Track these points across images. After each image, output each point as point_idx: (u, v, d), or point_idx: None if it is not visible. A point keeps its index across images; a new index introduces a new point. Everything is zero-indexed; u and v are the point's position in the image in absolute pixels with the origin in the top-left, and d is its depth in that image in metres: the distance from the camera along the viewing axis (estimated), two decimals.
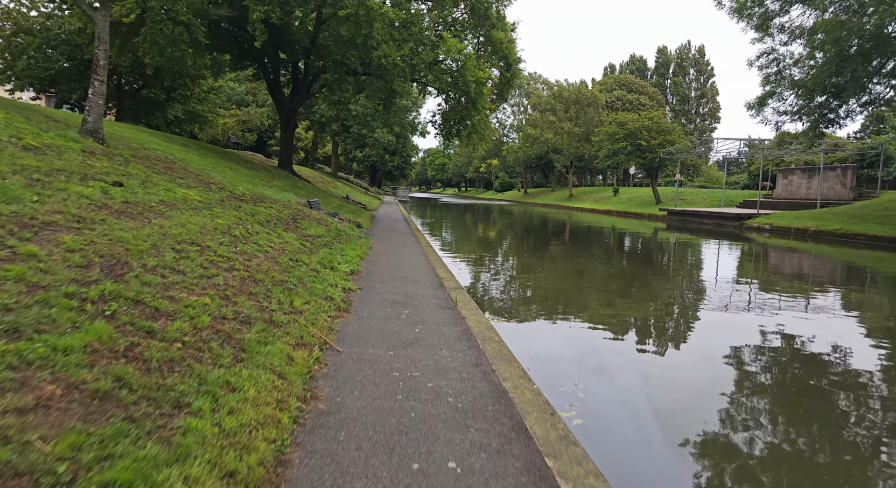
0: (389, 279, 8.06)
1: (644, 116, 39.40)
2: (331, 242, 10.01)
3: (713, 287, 11.35)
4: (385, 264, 9.60)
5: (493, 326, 5.83)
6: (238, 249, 5.92)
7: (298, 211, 11.63)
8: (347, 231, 12.28)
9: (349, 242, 10.95)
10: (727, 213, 27.78)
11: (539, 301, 9.44)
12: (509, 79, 24.03)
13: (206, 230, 6.06)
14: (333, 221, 12.79)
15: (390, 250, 11.92)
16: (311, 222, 10.97)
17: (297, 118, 25.84)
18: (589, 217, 39.10)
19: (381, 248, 12.04)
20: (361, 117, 47.54)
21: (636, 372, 5.74)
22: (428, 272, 9.17)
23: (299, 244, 8.26)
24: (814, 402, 5.03)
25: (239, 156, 22.90)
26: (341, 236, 11.25)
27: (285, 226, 9.31)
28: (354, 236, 12.17)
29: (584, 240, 22.59)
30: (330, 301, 5.66)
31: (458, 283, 8.34)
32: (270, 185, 16.98)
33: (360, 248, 10.73)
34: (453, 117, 21.88)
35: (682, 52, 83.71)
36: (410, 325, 5.41)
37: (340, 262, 8.24)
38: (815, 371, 5.98)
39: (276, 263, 6.20)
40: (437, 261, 10.79)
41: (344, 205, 22.08)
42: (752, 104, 21.20)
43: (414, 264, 10.03)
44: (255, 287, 4.93)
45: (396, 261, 10.23)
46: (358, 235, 12.60)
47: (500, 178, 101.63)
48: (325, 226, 11.30)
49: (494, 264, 14.53)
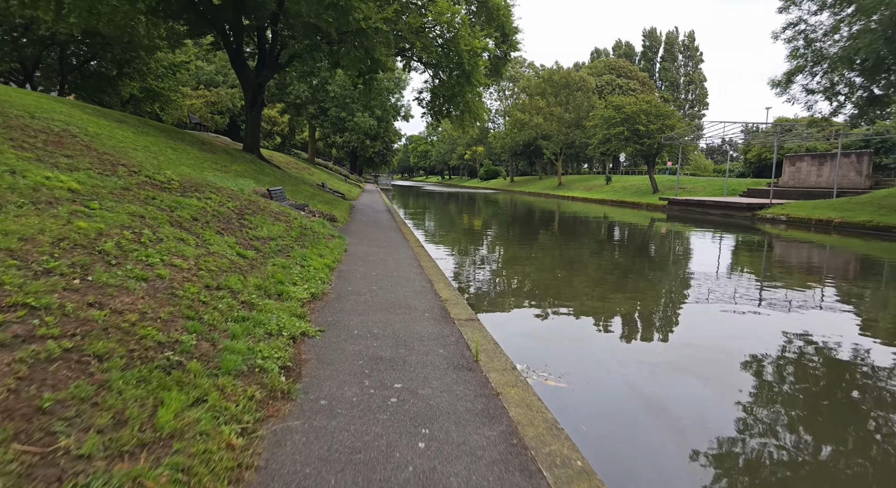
0: (369, 307, 5.48)
1: (642, 100, 37.10)
2: (289, 246, 7.35)
3: (748, 290, 9.06)
4: (363, 277, 7.00)
5: (555, 422, 3.26)
6: (90, 280, 3.25)
7: (251, 203, 8.91)
8: (316, 228, 9.60)
9: (316, 245, 8.29)
10: (736, 203, 25.74)
11: (596, 337, 6.99)
12: (506, 51, 21.36)
13: (39, 242, 3.38)
14: (298, 216, 10.08)
15: (371, 253, 9.31)
16: (265, 218, 8.27)
17: (265, 95, 22.78)
18: (583, 207, 36.88)
19: (360, 251, 9.41)
20: (340, 99, 44.27)
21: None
22: (423, 289, 6.61)
23: (235, 255, 5.60)
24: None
25: (195, 138, 19.84)
26: (306, 236, 8.58)
27: (223, 227, 6.62)
28: (325, 235, 9.51)
29: (604, 238, 20.25)
30: (255, 382, 3.05)
31: (468, 310, 5.79)
32: (226, 171, 14.12)
33: (330, 253, 8.09)
34: (444, 93, 19.14)
35: (671, 37, 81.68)
36: (406, 428, 2.87)
37: (297, 281, 5.62)
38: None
39: (170, 301, 3.56)
40: (433, 269, 8.22)
41: (318, 195, 19.28)
42: (777, 81, 18.97)
43: (403, 275, 7.45)
44: (72, 382, 2.30)
45: (380, 270, 7.63)
46: (329, 233, 9.93)
47: (484, 166, 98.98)
48: (284, 224, 8.61)
49: (508, 271, 11.21)
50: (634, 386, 4.86)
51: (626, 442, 3.79)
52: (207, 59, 56.96)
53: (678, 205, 30.76)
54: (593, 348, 6.07)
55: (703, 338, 6.70)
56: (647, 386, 4.91)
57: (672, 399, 4.62)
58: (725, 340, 6.56)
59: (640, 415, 4.27)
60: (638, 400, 4.56)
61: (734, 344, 6.32)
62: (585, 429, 3.80)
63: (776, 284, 10.50)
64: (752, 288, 9.99)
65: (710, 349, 6.20)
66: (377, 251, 9.67)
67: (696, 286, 9.87)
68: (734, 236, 19.65)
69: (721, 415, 4.31)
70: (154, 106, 37.15)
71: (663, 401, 4.55)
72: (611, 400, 4.53)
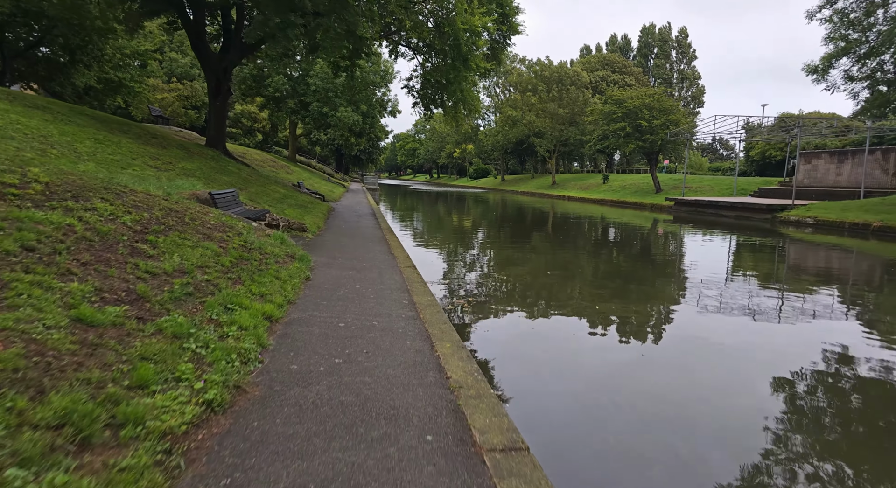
0: (321, 427, 2.92)
1: (644, 93, 34.87)
2: (211, 284, 4.75)
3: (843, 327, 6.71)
4: (324, 337, 4.43)
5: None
6: None
7: (172, 214, 6.27)
8: (268, 247, 6.98)
9: (261, 275, 5.70)
10: (754, 204, 23.56)
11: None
12: (505, 34, 18.85)
13: None
14: (247, 229, 7.45)
15: (344, 281, 6.73)
16: (185, 237, 5.66)
17: (231, 83, 20.00)
18: (583, 208, 34.59)
19: (328, 278, 6.83)
20: (322, 92, 41.43)
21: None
22: (420, 358, 4.08)
23: (66, 324, 3.00)
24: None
25: (146, 131, 17.01)
26: (248, 262, 5.98)
27: (91, 259, 4.01)
28: (280, 257, 6.90)
29: (639, 251, 17.87)
30: None
31: (507, 420, 3.23)
32: (167, 169, 11.41)
33: (280, 289, 5.51)
34: (438, 78, 16.57)
35: (664, 32, 79.90)
36: None
37: (183, 374, 3.02)
38: None
39: None
40: (432, 310, 5.68)
41: (289, 197, 16.60)
42: (814, 67, 16.75)
43: (388, 326, 4.89)
44: None
45: (352, 317, 5.06)
46: (288, 253, 7.32)
47: (474, 165, 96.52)
48: (217, 244, 6.00)
49: (538, 309, 7.90)
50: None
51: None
52: (182, 50, 53.66)
53: (686, 205, 28.58)
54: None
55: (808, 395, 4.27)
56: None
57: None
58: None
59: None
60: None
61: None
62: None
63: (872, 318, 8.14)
64: (846, 322, 7.61)
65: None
66: (353, 277, 7.09)
67: (770, 318, 7.46)
68: (766, 242, 17.42)
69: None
70: (117, 98, 33.92)
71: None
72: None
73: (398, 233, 15.77)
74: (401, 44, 20.11)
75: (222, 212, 7.98)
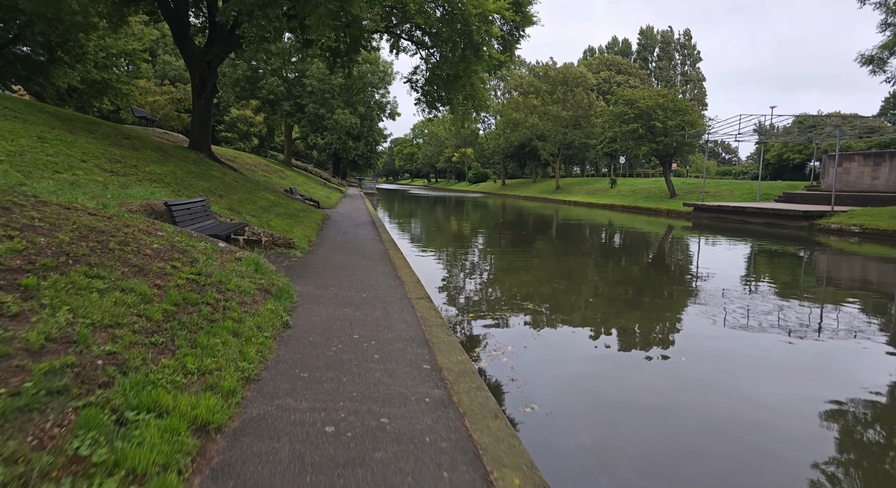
0: None
1: (657, 93, 33.12)
2: (118, 362, 2.87)
3: None
4: (296, 462, 2.51)
5: None
6: None
7: (90, 236, 4.37)
8: (232, 280, 5.07)
9: (211, 332, 3.80)
10: (787, 211, 21.69)
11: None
12: (519, 25, 17.03)
13: None
14: (206, 254, 5.53)
15: (336, 328, 4.83)
16: (98, 276, 3.75)
17: (217, 79, 18.13)
18: (596, 214, 32.76)
19: (316, 321, 4.92)
20: (318, 94, 39.60)
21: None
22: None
23: None
24: None
25: (117, 131, 15.11)
26: (193, 309, 4.07)
27: None
28: (248, 293, 4.99)
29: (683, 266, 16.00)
30: None
31: None
32: (127, 173, 9.51)
33: (235, 360, 3.60)
34: (447, 71, 14.72)
35: (667, 35, 78.46)
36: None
37: None
38: None
39: None
40: (474, 397, 3.80)
41: (278, 205, 14.70)
42: (869, 57, 15.00)
43: (407, 434, 3.00)
44: None
45: (347, 409, 3.14)
46: (261, 286, 5.41)
47: (473, 169, 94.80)
48: (147, 284, 4.08)
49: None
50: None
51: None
52: (176, 53, 51.85)
53: (707, 211, 26.74)
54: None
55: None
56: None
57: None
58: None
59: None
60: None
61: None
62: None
63: None
64: None
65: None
66: (349, 319, 5.18)
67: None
68: (818, 254, 15.57)
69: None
70: (101, 100, 31.91)
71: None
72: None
73: (401, 245, 13.88)
74: (402, 37, 18.34)
75: (179, 230, 6.07)
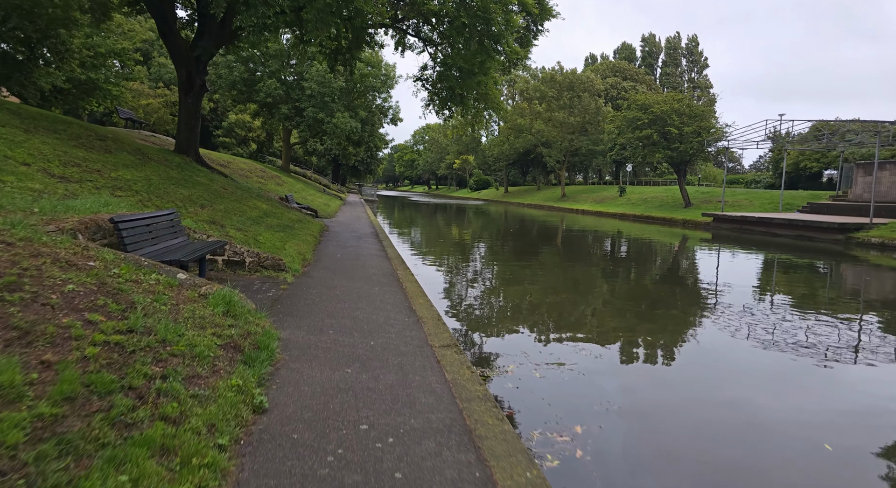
0: None
1: (672, 98, 31.74)
2: None
3: None
4: None
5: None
6: None
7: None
8: (183, 337, 3.49)
9: (123, 446, 2.22)
10: (821, 223, 20.16)
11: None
12: (537, 18, 15.59)
13: None
14: (156, 292, 3.94)
15: (335, 407, 3.21)
16: None
17: (206, 76, 16.61)
18: (609, 224, 31.24)
19: (304, 399, 3.30)
20: (318, 97, 38.14)
21: None
22: None
23: None
24: None
25: (91, 132, 13.51)
26: (100, 401, 2.50)
27: None
28: (204, 357, 3.40)
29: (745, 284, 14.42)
30: None
31: None
32: (91, 179, 7.94)
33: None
34: (462, 65, 13.20)
35: (673, 41, 77.47)
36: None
37: None
38: None
39: None
40: None
41: (271, 215, 13.11)
42: None
43: None
44: None
45: None
46: (230, 341, 3.82)
47: (475, 176, 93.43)
48: (18, 364, 2.52)
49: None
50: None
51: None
52: None
53: (729, 222, 25.23)
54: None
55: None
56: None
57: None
58: None
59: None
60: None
61: None
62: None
63: None
64: None
65: None
66: (352, 392, 3.57)
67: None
68: (873, 273, 14.03)
69: None
70: (89, 102, 30.32)
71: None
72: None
73: (410, 261, 12.27)
74: (409, 33, 16.89)
75: (124, 257, 4.48)
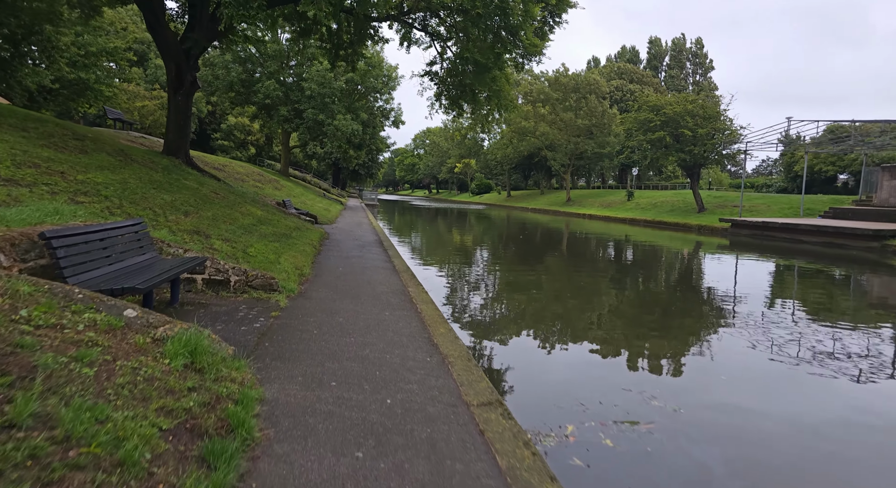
0: None
1: (685, 99, 30.65)
2: None
3: None
4: None
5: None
6: None
7: None
8: (116, 417, 2.28)
9: None
10: (851, 229, 18.97)
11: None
12: (555, 10, 14.45)
13: None
14: (75, 344, 2.72)
15: None
16: None
17: (197, 72, 15.44)
18: (620, 230, 30.03)
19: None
20: (318, 98, 37.02)
21: None
22: None
23: None
24: None
25: (69, 131, 12.27)
26: None
27: None
28: (129, 465, 2.21)
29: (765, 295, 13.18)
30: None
31: None
32: (51, 183, 6.73)
33: None
34: (477, 58, 12.01)
35: (678, 43, 76.59)
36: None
37: None
38: None
39: None
40: None
41: (267, 222, 11.89)
42: None
43: None
44: None
45: None
46: (189, 412, 2.58)
47: (476, 180, 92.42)
48: None
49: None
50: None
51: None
52: None
53: (748, 228, 24.05)
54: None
55: None
56: None
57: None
58: None
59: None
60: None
61: None
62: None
63: None
64: None
65: None
66: (366, 484, 2.37)
67: None
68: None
69: None
70: (80, 102, 29.17)
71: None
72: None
73: (421, 274, 11.02)
74: (415, 27, 15.77)
75: (48, 287, 3.26)
